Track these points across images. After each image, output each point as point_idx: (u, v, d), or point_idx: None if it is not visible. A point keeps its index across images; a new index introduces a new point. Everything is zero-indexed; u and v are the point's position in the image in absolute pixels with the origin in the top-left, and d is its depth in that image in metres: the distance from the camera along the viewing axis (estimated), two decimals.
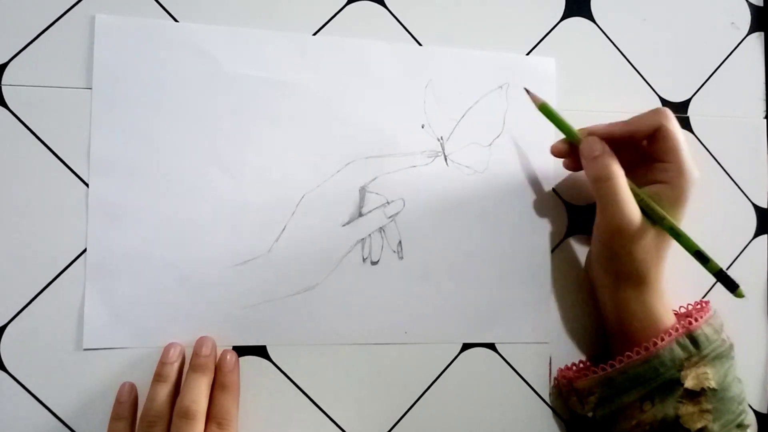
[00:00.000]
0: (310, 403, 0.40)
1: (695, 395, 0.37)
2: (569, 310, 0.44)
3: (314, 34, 0.42)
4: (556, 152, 0.41)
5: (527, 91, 0.41)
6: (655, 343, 0.38)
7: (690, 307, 0.43)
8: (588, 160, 0.39)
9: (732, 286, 0.38)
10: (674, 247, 0.39)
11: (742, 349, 0.41)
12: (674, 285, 0.45)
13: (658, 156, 0.39)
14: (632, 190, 0.38)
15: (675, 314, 0.43)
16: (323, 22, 0.42)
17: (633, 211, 0.37)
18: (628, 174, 0.38)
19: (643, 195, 0.38)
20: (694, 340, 0.38)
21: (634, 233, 0.37)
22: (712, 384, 0.37)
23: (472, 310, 0.43)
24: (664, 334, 0.38)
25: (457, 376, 0.42)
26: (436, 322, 0.42)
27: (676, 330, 0.38)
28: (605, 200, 0.38)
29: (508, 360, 0.43)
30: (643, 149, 0.40)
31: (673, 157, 0.38)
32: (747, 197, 0.49)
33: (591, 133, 0.39)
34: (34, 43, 0.38)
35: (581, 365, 0.43)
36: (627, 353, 0.38)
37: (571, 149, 0.41)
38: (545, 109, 0.40)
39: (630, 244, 0.38)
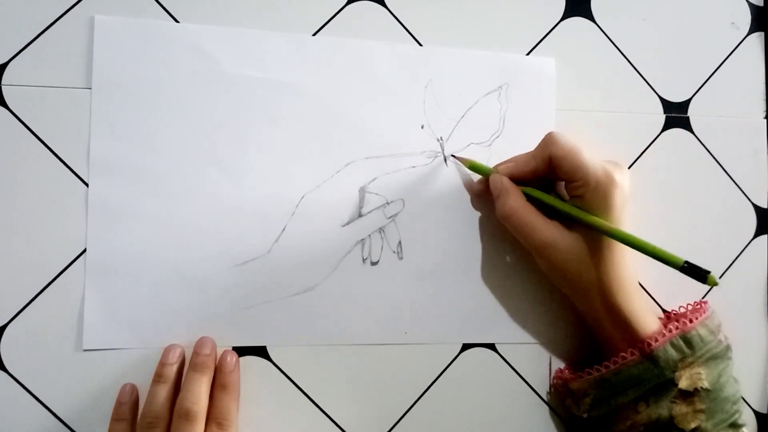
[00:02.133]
0: (310, 403, 0.40)
1: (688, 395, 0.37)
2: (569, 310, 0.44)
3: (314, 34, 0.42)
4: (478, 192, 0.43)
5: (454, 156, 0.43)
6: (649, 345, 0.38)
7: (688, 308, 0.43)
8: (494, 198, 0.41)
9: (701, 276, 0.35)
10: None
11: (741, 349, 0.42)
12: (673, 285, 0.45)
13: (567, 178, 0.39)
14: (571, 213, 0.39)
15: (674, 314, 0.44)
16: (323, 22, 0.42)
17: (543, 234, 0.38)
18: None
19: (581, 215, 0.38)
20: (688, 341, 0.38)
21: (554, 252, 0.38)
22: (706, 384, 0.37)
23: (472, 310, 0.43)
24: (658, 336, 0.38)
25: (457, 376, 0.43)
26: (436, 322, 0.42)
27: (671, 331, 0.38)
28: (516, 232, 0.40)
29: (508, 360, 0.43)
30: (558, 178, 0.40)
31: (576, 174, 0.38)
32: (747, 197, 0.49)
33: (495, 172, 0.41)
34: (34, 43, 0.38)
35: (577, 366, 0.43)
36: (621, 354, 0.39)
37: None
38: (474, 166, 0.43)
39: (557, 261, 0.39)
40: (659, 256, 0.36)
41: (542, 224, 0.39)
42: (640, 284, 0.45)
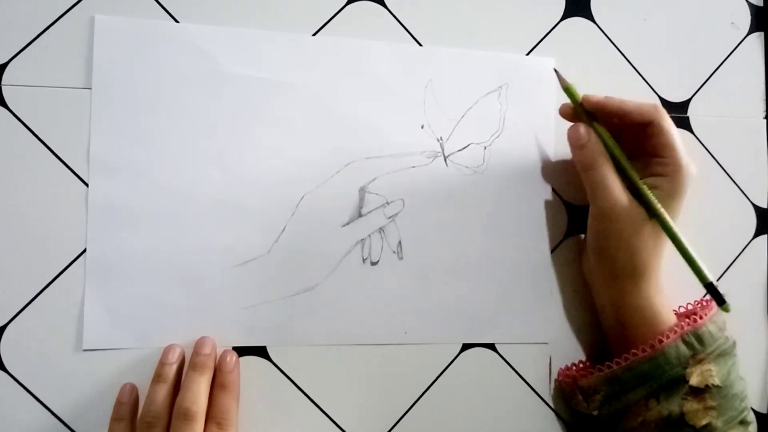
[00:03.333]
0: (310, 403, 0.40)
1: (700, 392, 0.37)
2: (569, 310, 0.44)
3: (314, 34, 0.42)
4: (563, 113, 0.42)
5: (556, 71, 0.42)
6: (661, 341, 0.38)
7: (696, 305, 0.43)
8: (575, 148, 0.40)
9: (720, 300, 0.38)
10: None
11: (742, 348, 0.41)
12: (677, 283, 0.45)
13: (654, 151, 0.39)
14: (635, 181, 0.39)
15: (679, 312, 0.43)
16: (323, 23, 0.42)
17: (620, 197, 0.38)
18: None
19: (644, 189, 0.39)
20: (699, 338, 0.38)
21: (626, 221, 0.38)
22: (716, 381, 0.37)
23: (472, 310, 0.43)
24: (670, 332, 0.38)
25: (457, 376, 0.42)
26: (436, 322, 0.42)
27: (682, 327, 0.39)
28: (593, 187, 0.39)
29: (508, 360, 0.43)
30: (640, 144, 0.40)
31: (669, 152, 0.39)
32: (747, 197, 0.49)
33: (586, 99, 0.40)
34: (34, 43, 0.38)
35: (582, 365, 0.43)
36: (633, 351, 0.38)
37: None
38: (568, 90, 0.41)
39: (624, 232, 0.38)
40: (693, 265, 0.38)
41: (619, 189, 0.39)
42: None
